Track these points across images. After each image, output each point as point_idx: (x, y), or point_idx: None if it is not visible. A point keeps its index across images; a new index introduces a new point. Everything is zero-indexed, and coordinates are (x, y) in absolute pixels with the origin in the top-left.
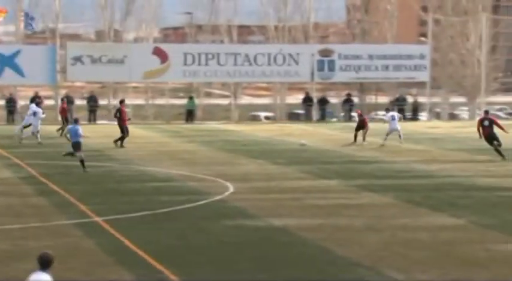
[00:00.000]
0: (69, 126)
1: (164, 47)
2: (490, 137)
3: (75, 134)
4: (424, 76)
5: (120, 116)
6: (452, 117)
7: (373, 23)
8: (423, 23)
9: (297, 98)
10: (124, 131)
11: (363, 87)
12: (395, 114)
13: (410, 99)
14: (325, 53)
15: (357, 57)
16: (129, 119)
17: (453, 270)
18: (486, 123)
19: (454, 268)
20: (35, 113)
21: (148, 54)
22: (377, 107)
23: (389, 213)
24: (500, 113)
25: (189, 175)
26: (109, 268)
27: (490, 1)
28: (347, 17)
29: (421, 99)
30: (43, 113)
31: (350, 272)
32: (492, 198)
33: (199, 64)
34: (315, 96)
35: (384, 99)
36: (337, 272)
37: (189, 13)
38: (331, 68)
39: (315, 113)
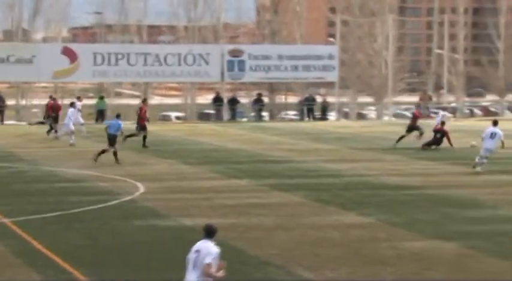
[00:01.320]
0: None
1: (73, 46)
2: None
3: None
4: (332, 76)
5: (139, 115)
6: (360, 117)
7: (282, 24)
8: (331, 23)
9: (208, 98)
10: (145, 129)
11: (273, 88)
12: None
13: (319, 99)
14: (235, 53)
15: (267, 57)
16: (148, 120)
17: (361, 268)
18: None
19: (362, 265)
20: None
21: (57, 54)
22: (287, 107)
23: (300, 212)
24: (407, 113)
25: (99, 175)
26: (17, 269)
27: (396, 2)
28: (257, 18)
29: (330, 99)
30: None
31: (261, 271)
32: (399, 196)
33: (109, 64)
34: (225, 96)
35: (293, 99)
36: (248, 272)
37: (99, 13)
38: (241, 68)
39: (226, 113)
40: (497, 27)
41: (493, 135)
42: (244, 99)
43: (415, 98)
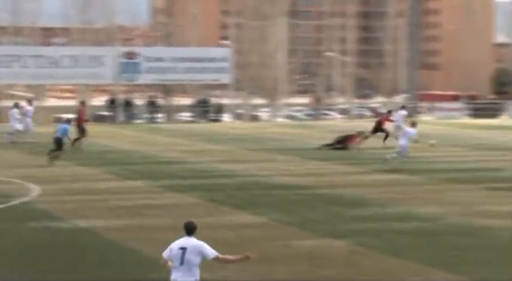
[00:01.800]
0: None
1: None
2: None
3: None
4: (226, 78)
5: (79, 117)
6: (254, 118)
7: (176, 26)
8: (225, 26)
9: (102, 100)
10: (83, 131)
11: (168, 89)
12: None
13: (213, 101)
14: (130, 55)
15: (161, 59)
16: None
17: (254, 267)
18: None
19: (254, 264)
20: None
21: None
22: (182, 108)
23: (194, 212)
24: (298, 114)
25: None
26: None
27: (288, 6)
28: (151, 20)
29: (224, 101)
30: None
31: (156, 271)
32: (291, 196)
33: (1, 66)
34: (120, 98)
35: (187, 101)
36: (143, 272)
37: None
38: (136, 71)
39: (120, 115)
40: (385, 30)
41: (407, 134)
42: (139, 101)
43: (306, 100)
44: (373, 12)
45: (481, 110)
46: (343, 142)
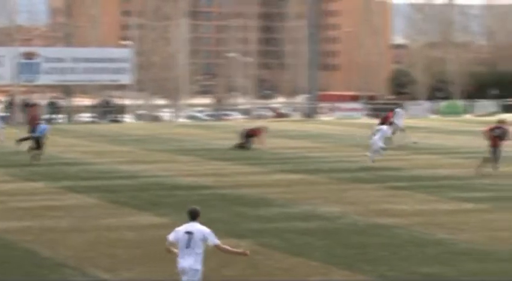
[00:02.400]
0: None
1: None
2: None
3: None
4: (127, 79)
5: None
6: (155, 119)
7: (76, 27)
8: (126, 27)
9: (0, 101)
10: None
11: (68, 90)
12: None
13: (115, 101)
14: (29, 55)
15: (61, 60)
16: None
17: (157, 267)
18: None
19: (158, 265)
20: None
21: None
22: (82, 109)
23: (95, 214)
24: (200, 115)
25: None
26: None
27: (189, 7)
28: (50, 20)
29: (126, 101)
30: None
31: (56, 272)
32: (194, 196)
33: None
34: (19, 99)
35: (88, 101)
36: (43, 274)
37: None
38: (35, 71)
39: (18, 115)
40: (285, 31)
41: (377, 132)
42: (41, 102)
43: (208, 100)
44: (274, 13)
45: (379, 111)
46: (250, 136)
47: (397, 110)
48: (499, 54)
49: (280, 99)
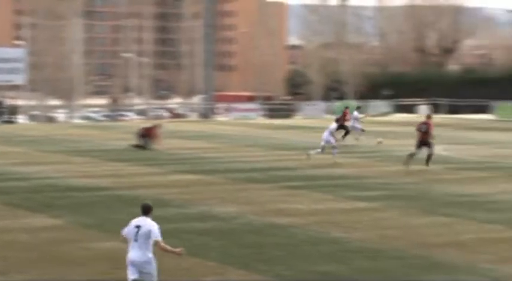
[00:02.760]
0: None
1: None
2: (423, 143)
3: None
4: (20, 79)
5: None
6: (50, 119)
7: None
8: (19, 26)
9: None
10: None
11: None
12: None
13: (8, 102)
14: None
15: None
16: None
17: (51, 269)
18: (423, 128)
19: (52, 267)
20: None
21: None
22: None
23: None
24: (96, 115)
25: None
26: None
27: (84, 7)
28: None
29: (19, 102)
30: None
31: None
32: (89, 198)
33: None
34: None
35: None
36: None
37: None
38: None
39: None
40: (182, 32)
41: (329, 128)
42: None
43: (103, 101)
44: (170, 13)
45: (275, 111)
46: (146, 135)
47: (355, 113)
48: (391, 56)
49: (177, 100)
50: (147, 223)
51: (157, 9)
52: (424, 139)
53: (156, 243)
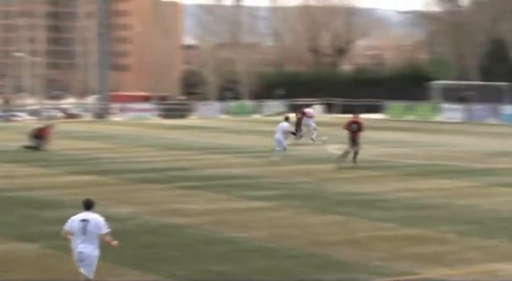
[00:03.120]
0: None
1: None
2: (355, 141)
3: None
4: None
5: None
6: None
7: None
8: None
9: None
10: None
11: None
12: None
13: None
14: None
15: None
16: None
17: None
18: (354, 127)
19: None
20: None
21: None
22: None
23: None
24: None
25: None
26: None
27: None
28: None
29: None
30: None
31: None
32: None
33: None
34: None
35: None
36: None
37: None
38: None
39: None
40: (75, 31)
41: (280, 128)
42: None
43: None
44: (63, 12)
45: (171, 111)
46: (39, 136)
47: (308, 110)
48: (286, 56)
49: (71, 100)
50: (94, 217)
51: (50, 8)
52: (356, 138)
53: (101, 236)
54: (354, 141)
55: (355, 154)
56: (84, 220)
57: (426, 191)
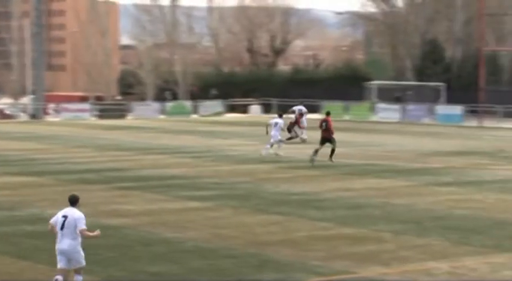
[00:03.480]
0: None
1: None
2: (326, 139)
3: None
4: None
5: None
6: None
7: None
8: None
9: None
10: None
11: None
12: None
13: None
14: None
15: None
16: None
17: None
18: (323, 125)
19: None
20: None
21: None
22: None
23: None
24: None
25: None
26: None
27: None
28: None
29: None
30: None
31: None
32: None
33: None
34: None
35: None
36: None
37: None
38: None
39: None
40: (10, 30)
41: (276, 125)
42: None
43: None
44: None
45: (108, 111)
46: None
47: (298, 108)
48: (224, 56)
49: (6, 100)
50: (73, 213)
51: None
52: (326, 136)
53: (80, 232)
54: (323, 139)
55: (332, 151)
56: (64, 216)
57: (363, 191)
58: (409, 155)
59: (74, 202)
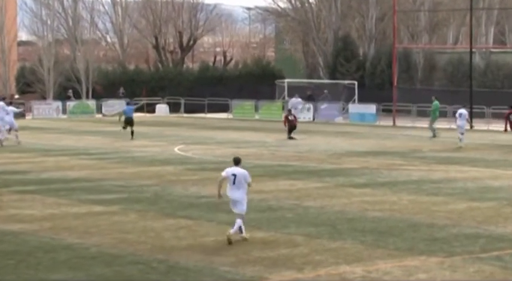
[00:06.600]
0: None
1: None
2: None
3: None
4: None
5: None
6: None
7: None
8: None
9: None
10: None
11: None
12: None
13: None
14: None
15: None
16: None
17: None
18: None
19: None
20: None
21: None
22: None
23: None
24: None
25: None
26: None
27: None
28: None
29: None
30: None
31: None
32: None
33: None
34: None
35: None
36: None
37: None
38: None
39: None
40: None
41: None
42: None
43: None
44: None
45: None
46: None
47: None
48: (129, 53)
49: None
50: (240, 171)
51: None
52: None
53: (249, 184)
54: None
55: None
56: (233, 174)
57: (274, 193)
58: (321, 155)
59: (238, 162)
